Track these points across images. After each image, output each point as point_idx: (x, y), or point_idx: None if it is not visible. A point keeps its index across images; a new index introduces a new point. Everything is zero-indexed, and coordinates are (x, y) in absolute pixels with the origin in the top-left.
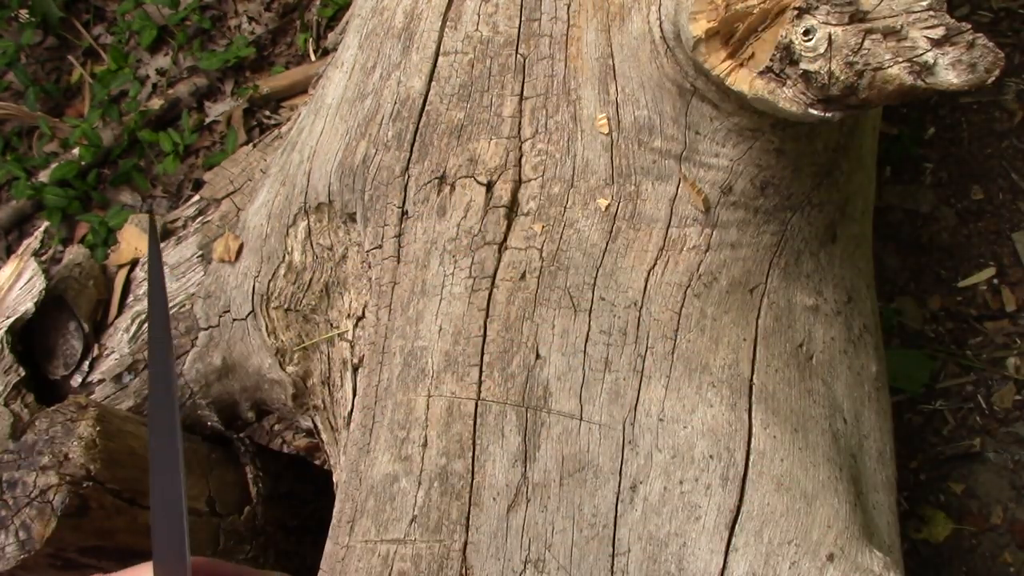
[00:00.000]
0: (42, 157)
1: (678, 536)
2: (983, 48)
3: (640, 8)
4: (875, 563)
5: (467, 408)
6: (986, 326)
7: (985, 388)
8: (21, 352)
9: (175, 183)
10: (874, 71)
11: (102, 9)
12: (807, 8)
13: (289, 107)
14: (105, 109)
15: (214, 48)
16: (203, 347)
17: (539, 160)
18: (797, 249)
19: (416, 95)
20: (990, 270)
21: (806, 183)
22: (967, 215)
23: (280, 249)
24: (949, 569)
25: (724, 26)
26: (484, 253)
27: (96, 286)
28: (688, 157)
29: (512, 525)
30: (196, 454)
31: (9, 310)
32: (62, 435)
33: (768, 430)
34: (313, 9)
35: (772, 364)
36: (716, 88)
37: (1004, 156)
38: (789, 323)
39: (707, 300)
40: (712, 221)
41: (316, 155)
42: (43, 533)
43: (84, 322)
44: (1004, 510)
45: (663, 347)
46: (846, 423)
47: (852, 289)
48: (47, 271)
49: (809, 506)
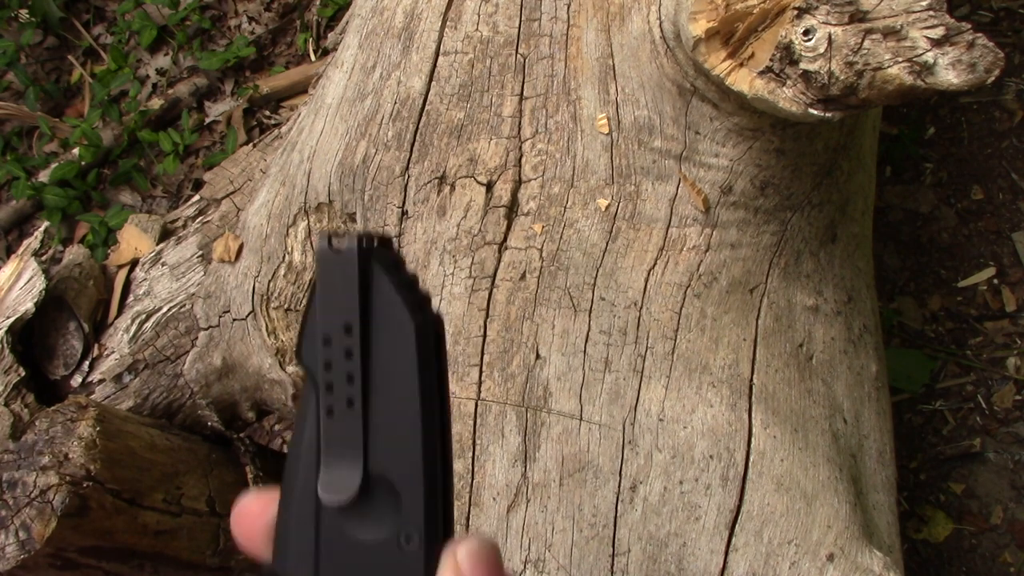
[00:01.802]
0: (42, 157)
1: (678, 536)
2: (983, 48)
3: (640, 8)
4: (875, 563)
5: (467, 408)
6: (986, 326)
7: (985, 388)
8: (21, 352)
9: (175, 183)
10: (874, 71)
11: (102, 9)
12: (807, 8)
13: (289, 107)
14: (105, 109)
15: (214, 48)
16: (203, 347)
17: (539, 160)
18: (797, 249)
19: (416, 95)
20: (990, 270)
21: (806, 183)
22: (967, 215)
23: (280, 249)
24: (949, 569)
25: (724, 26)
26: (484, 253)
27: (96, 286)
28: (688, 157)
29: (512, 525)
30: (196, 454)
31: (9, 310)
32: (62, 435)
33: (768, 430)
34: (313, 9)
35: (772, 364)
36: (716, 88)
37: (1004, 156)
38: (789, 323)
39: (707, 300)
40: (712, 221)
41: (316, 155)
42: (43, 533)
43: (84, 322)
44: (1004, 510)
45: (663, 347)
46: (846, 423)
47: (852, 289)
48: (47, 271)
49: (809, 506)
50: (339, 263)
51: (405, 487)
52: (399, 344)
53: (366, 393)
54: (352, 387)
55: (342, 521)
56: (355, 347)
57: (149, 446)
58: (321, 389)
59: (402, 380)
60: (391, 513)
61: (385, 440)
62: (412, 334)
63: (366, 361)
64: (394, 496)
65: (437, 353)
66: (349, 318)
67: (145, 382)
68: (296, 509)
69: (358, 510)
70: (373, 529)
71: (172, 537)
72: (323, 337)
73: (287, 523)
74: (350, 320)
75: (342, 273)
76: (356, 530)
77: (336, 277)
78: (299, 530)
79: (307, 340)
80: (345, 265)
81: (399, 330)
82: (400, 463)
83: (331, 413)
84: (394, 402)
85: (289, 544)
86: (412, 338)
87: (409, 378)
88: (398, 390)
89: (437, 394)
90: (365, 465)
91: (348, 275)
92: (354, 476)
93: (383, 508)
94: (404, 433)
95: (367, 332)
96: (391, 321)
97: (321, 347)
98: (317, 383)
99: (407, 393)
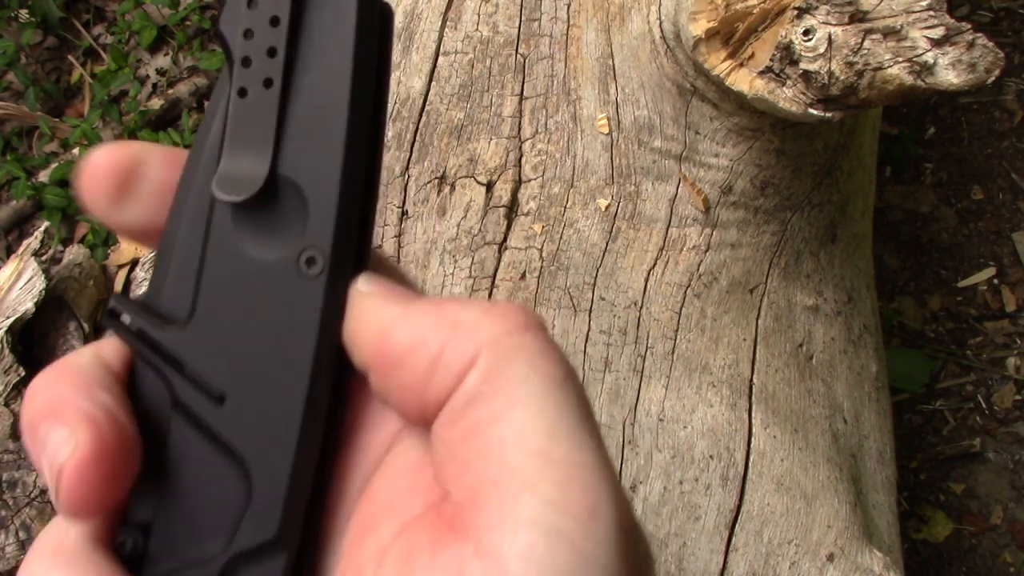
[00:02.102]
0: (42, 157)
1: (678, 536)
2: (983, 48)
3: (640, 8)
4: (875, 563)
5: None
6: (986, 326)
7: (985, 388)
8: (21, 352)
9: None
10: (874, 71)
11: (102, 9)
12: (807, 8)
13: None
14: (105, 109)
15: (214, 48)
16: None
17: (539, 160)
18: (797, 249)
19: (416, 95)
20: (990, 270)
21: (806, 183)
22: (967, 215)
23: None
24: (949, 569)
25: (724, 26)
26: (484, 253)
27: (96, 286)
28: (688, 157)
29: None
30: None
31: (9, 310)
32: None
33: (768, 430)
34: None
35: (772, 364)
36: (716, 88)
37: (1004, 156)
38: (789, 323)
39: (707, 300)
40: (712, 221)
41: None
42: None
43: (84, 322)
44: (1004, 510)
45: (663, 347)
46: (846, 423)
47: (852, 289)
48: (47, 271)
49: (809, 506)
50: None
51: (315, 196)
52: (336, 18)
53: (288, 72)
54: (273, 63)
55: (235, 229)
56: (283, 13)
57: None
58: (236, 65)
59: (333, 63)
60: (295, 227)
61: (302, 134)
62: (353, 7)
63: (294, 32)
64: (302, 205)
65: (380, 42)
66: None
67: None
68: (188, 205)
69: (256, 216)
70: (270, 244)
71: None
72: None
73: (175, 221)
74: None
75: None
76: (249, 243)
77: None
78: (186, 233)
79: (228, 3)
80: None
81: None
82: (315, 164)
83: (243, 93)
84: (320, 88)
85: (175, 249)
86: (353, 11)
87: (342, 61)
88: (326, 74)
89: (373, 89)
90: (274, 161)
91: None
92: (258, 171)
93: (286, 219)
94: (326, 127)
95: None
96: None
97: (244, 10)
98: (233, 57)
99: (336, 80)
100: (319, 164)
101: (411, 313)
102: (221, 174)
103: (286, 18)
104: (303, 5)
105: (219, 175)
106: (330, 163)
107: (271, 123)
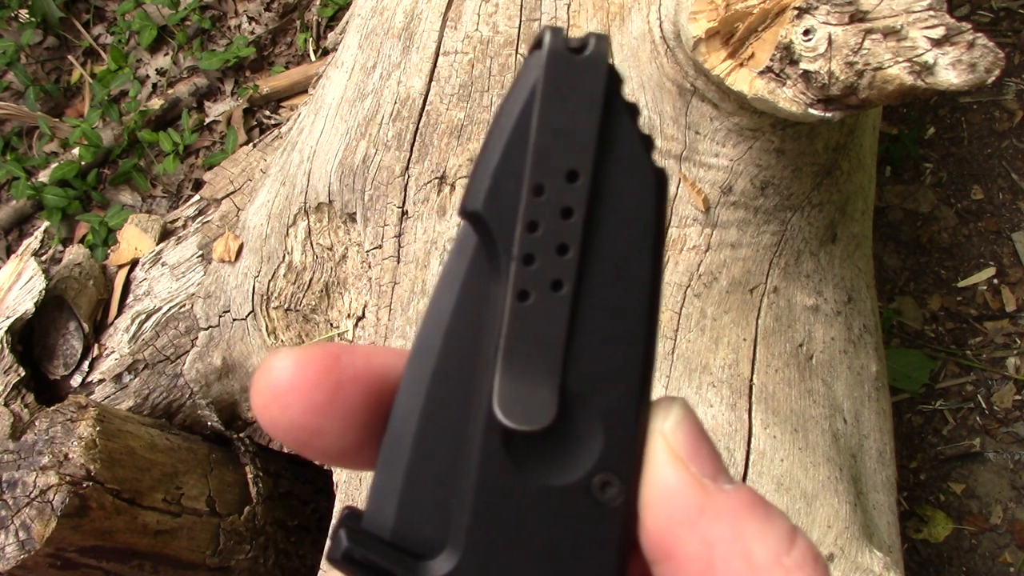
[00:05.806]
0: (42, 157)
1: None
2: (983, 48)
3: (640, 8)
4: (875, 563)
5: None
6: (986, 326)
7: (985, 388)
8: (21, 352)
9: (175, 183)
10: (874, 71)
11: (102, 9)
12: (807, 8)
13: (289, 107)
14: (105, 109)
15: (214, 48)
16: (203, 347)
17: None
18: (797, 249)
19: (416, 95)
20: (990, 270)
21: (806, 183)
22: (967, 215)
23: (280, 249)
24: (949, 569)
25: (724, 26)
26: None
27: (96, 286)
28: (688, 157)
29: None
30: (196, 454)
31: (9, 310)
32: (62, 435)
33: (768, 430)
34: (313, 9)
35: (772, 364)
36: (716, 88)
37: (1004, 156)
38: (789, 323)
39: (707, 300)
40: (712, 221)
41: (316, 155)
42: (43, 533)
43: (84, 322)
44: (1004, 510)
45: (663, 347)
46: (846, 423)
47: (852, 289)
48: (47, 271)
49: (809, 506)
50: (576, 70)
51: (611, 415)
52: (634, 210)
53: (581, 275)
54: (564, 262)
55: (511, 451)
56: (579, 205)
57: (149, 446)
58: (516, 263)
59: (630, 262)
60: (585, 448)
61: (595, 347)
62: (654, 197)
63: (589, 228)
64: (592, 425)
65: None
66: (578, 159)
67: (145, 382)
68: (445, 429)
69: (539, 439)
70: (555, 467)
71: (172, 537)
72: (534, 184)
73: (421, 439)
74: (579, 163)
75: (579, 88)
76: (531, 465)
77: (565, 93)
78: (449, 460)
79: (497, 183)
80: (586, 76)
81: (638, 189)
82: (609, 382)
83: (524, 296)
84: (615, 294)
85: (425, 471)
86: (653, 202)
87: (639, 261)
88: (622, 277)
89: (660, 287)
90: (563, 379)
91: (588, 92)
92: (547, 393)
93: (575, 440)
94: (621, 338)
95: (597, 186)
96: (628, 174)
97: (529, 196)
98: (512, 253)
99: (634, 283)
100: (615, 379)
101: (707, 518)
102: (503, 395)
103: (582, 211)
104: (600, 191)
105: (501, 396)
106: (628, 381)
107: (560, 336)
